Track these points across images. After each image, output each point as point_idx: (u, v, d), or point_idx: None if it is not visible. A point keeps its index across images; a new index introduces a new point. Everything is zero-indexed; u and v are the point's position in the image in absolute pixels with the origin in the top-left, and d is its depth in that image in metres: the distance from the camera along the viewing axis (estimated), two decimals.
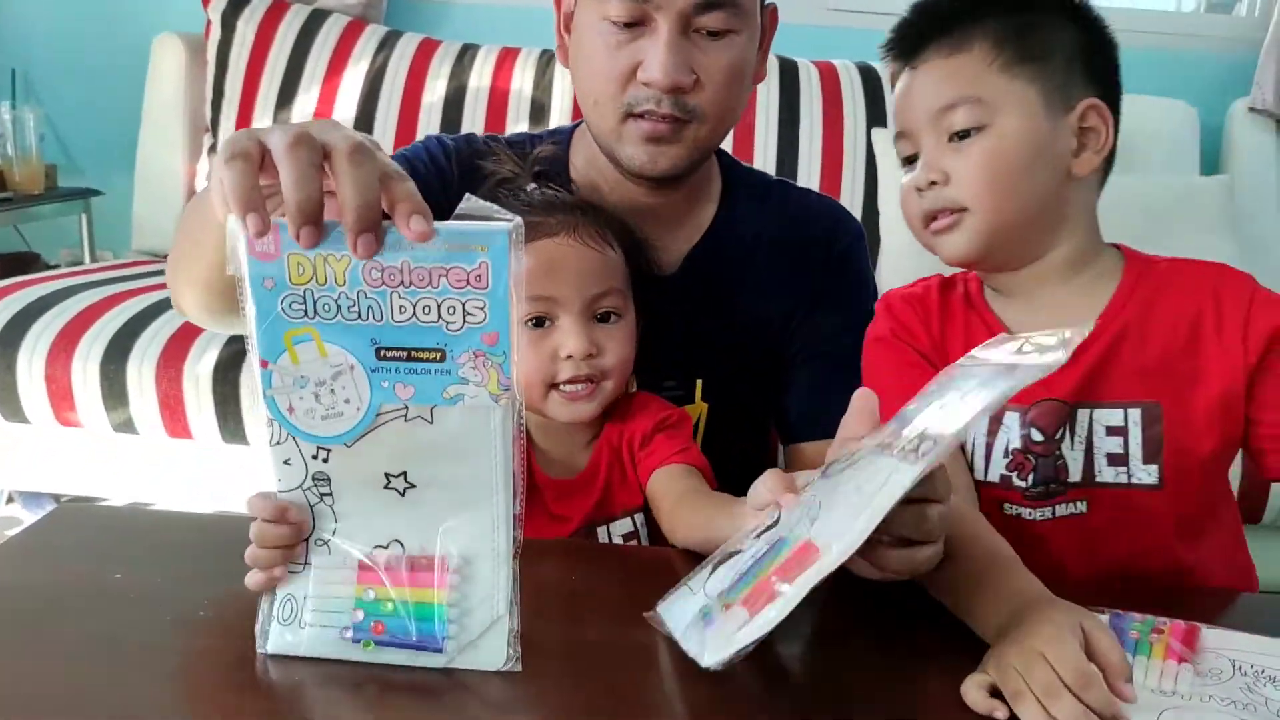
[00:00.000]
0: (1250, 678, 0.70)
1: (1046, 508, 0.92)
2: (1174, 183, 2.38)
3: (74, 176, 2.75)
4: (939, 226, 0.92)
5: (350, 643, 0.67)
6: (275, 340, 0.62)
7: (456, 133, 2.30)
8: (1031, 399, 0.90)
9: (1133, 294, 0.92)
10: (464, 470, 0.65)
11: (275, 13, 2.47)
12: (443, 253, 0.59)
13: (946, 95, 0.90)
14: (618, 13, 0.97)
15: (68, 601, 0.74)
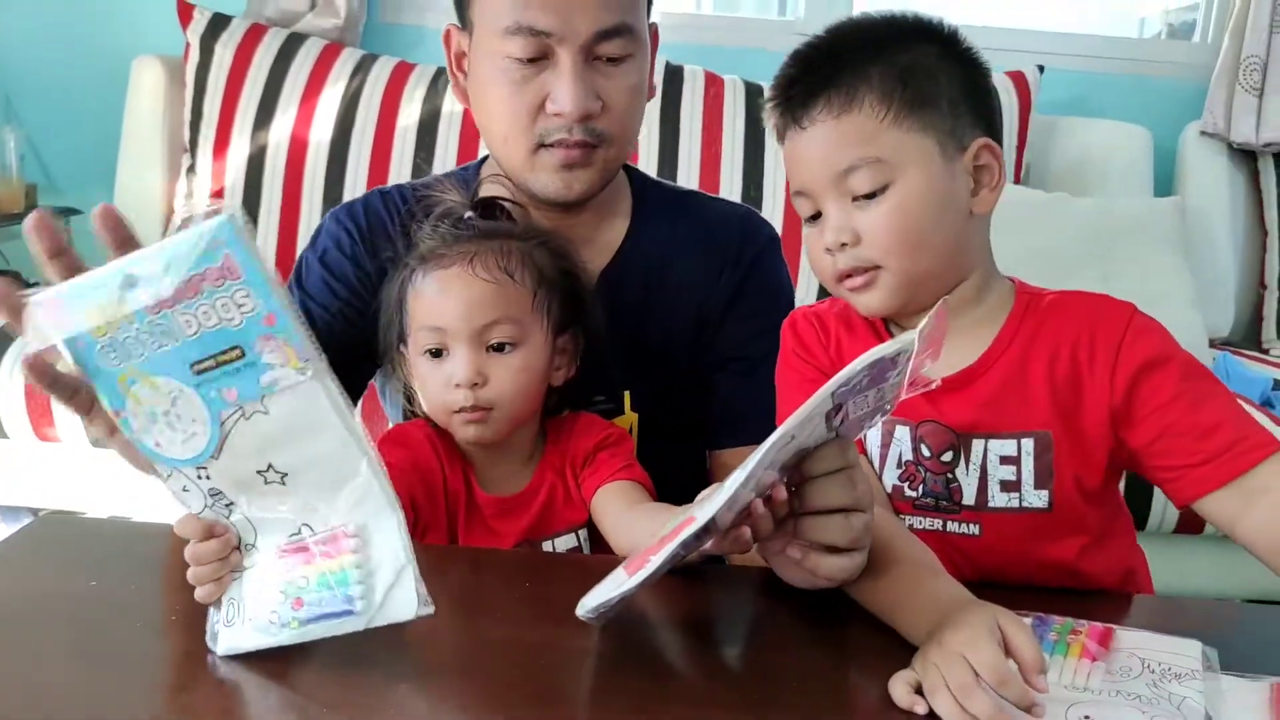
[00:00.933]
0: (1157, 674, 0.75)
1: (936, 520, 0.96)
2: (1128, 203, 2.45)
3: (53, 196, 2.78)
4: (855, 285, 0.93)
5: (279, 627, 0.71)
6: (114, 391, 0.65)
7: (429, 155, 2.36)
8: (919, 417, 0.94)
9: (1020, 327, 0.94)
10: (319, 445, 0.68)
11: (253, 36, 2.51)
12: (189, 262, 0.61)
13: (844, 159, 0.90)
14: (520, 50, 1.00)
15: (44, 609, 0.78)
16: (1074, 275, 2.24)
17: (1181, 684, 0.73)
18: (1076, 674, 0.74)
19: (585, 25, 0.99)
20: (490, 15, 1.02)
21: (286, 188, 2.44)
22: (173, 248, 0.62)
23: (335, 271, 1.11)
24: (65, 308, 0.63)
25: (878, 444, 0.96)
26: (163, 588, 0.82)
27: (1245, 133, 2.56)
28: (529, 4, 0.99)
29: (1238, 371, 2.21)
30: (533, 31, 0.99)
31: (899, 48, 0.92)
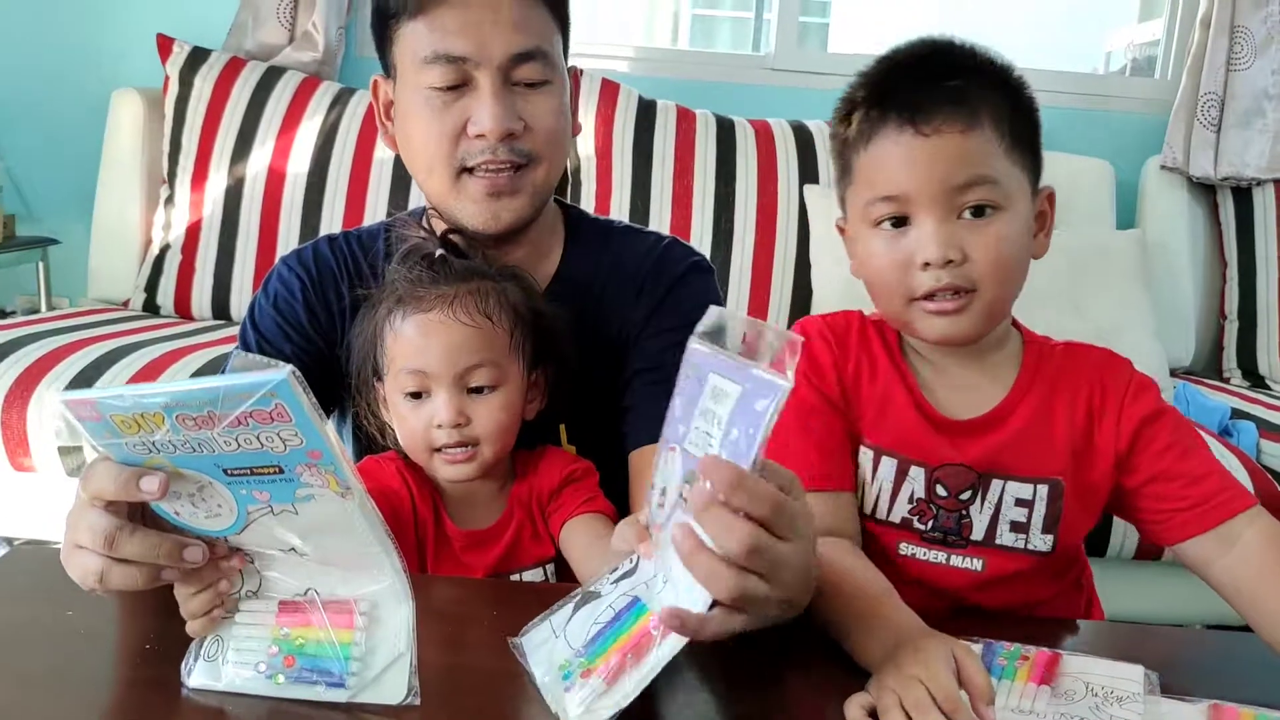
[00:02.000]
0: (1100, 698, 0.78)
1: (941, 553, 0.98)
2: (1091, 236, 2.49)
3: (32, 225, 2.80)
4: (943, 307, 0.91)
5: (263, 677, 0.72)
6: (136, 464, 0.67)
7: (405, 187, 2.39)
8: (938, 460, 0.96)
9: (1035, 376, 0.98)
10: (344, 543, 0.70)
11: (232, 70, 2.54)
12: (243, 405, 0.61)
13: (964, 173, 0.89)
14: (440, 79, 1.02)
15: (22, 636, 0.80)
16: (1042, 306, 2.27)
17: (1123, 707, 0.77)
18: (1023, 697, 0.77)
19: (500, 49, 1.02)
20: (410, 52, 1.04)
21: (264, 219, 2.46)
22: (226, 387, 0.61)
23: (287, 316, 1.13)
24: (95, 408, 0.63)
25: (890, 480, 0.98)
26: (139, 617, 0.83)
27: (1204, 167, 2.62)
28: (445, 33, 1.01)
29: (1197, 401, 2.25)
30: (450, 58, 1.01)
31: (1010, 81, 0.93)
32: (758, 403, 0.64)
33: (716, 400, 0.66)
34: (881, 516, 0.99)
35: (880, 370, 1.00)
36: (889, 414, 0.98)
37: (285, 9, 2.64)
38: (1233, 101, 2.63)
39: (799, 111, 2.62)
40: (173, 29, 2.61)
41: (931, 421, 0.97)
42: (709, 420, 0.66)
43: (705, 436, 0.67)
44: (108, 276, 2.57)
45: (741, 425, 0.65)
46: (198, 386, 0.61)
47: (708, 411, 0.67)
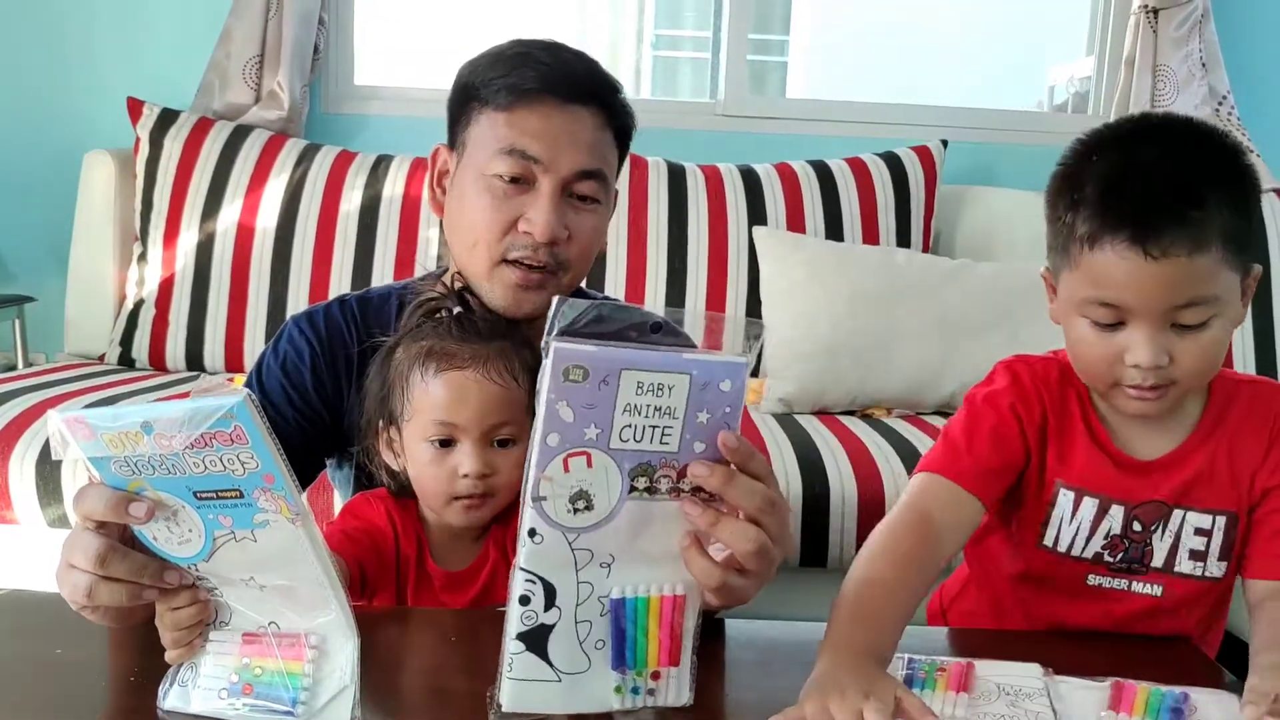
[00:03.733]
0: (1012, 695, 0.87)
1: (1124, 580, 1.06)
2: (1029, 268, 2.56)
3: (7, 283, 2.87)
4: (1144, 395, 0.97)
5: (226, 705, 0.79)
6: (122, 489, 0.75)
7: (370, 240, 2.47)
8: (1139, 499, 1.04)
9: (1223, 411, 1.05)
10: (297, 573, 0.77)
11: (200, 130, 2.63)
12: (205, 425, 0.69)
13: (1185, 295, 0.92)
14: (508, 169, 1.10)
15: (15, 672, 0.88)
16: (981, 336, 2.39)
17: (1033, 701, 0.86)
18: (945, 704, 0.85)
19: (569, 162, 1.10)
20: (486, 140, 1.12)
21: (234, 274, 2.53)
22: (189, 409, 0.69)
23: (293, 379, 1.20)
24: (89, 427, 0.72)
25: (1090, 519, 1.05)
26: (123, 652, 0.90)
27: None
28: (524, 132, 1.09)
29: None
30: (524, 155, 1.09)
31: (1242, 182, 0.96)
32: (722, 384, 0.73)
33: (655, 394, 0.73)
34: (1076, 553, 1.06)
35: (1073, 416, 1.06)
36: (1085, 457, 1.05)
37: (251, 69, 2.73)
38: None
39: (748, 155, 2.73)
40: (142, 91, 2.69)
41: (1123, 463, 1.05)
42: (651, 414, 0.73)
43: (651, 429, 0.73)
44: (83, 332, 2.63)
45: (711, 408, 0.74)
46: (170, 407, 0.70)
47: (640, 407, 0.73)
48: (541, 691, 0.79)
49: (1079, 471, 1.05)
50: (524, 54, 1.12)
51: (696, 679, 0.82)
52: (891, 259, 2.51)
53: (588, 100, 1.12)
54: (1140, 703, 0.85)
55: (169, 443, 0.71)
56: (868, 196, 2.64)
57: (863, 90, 6.37)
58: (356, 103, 2.96)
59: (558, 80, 1.10)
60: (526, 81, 1.10)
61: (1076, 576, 1.07)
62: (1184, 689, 0.87)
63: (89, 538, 0.77)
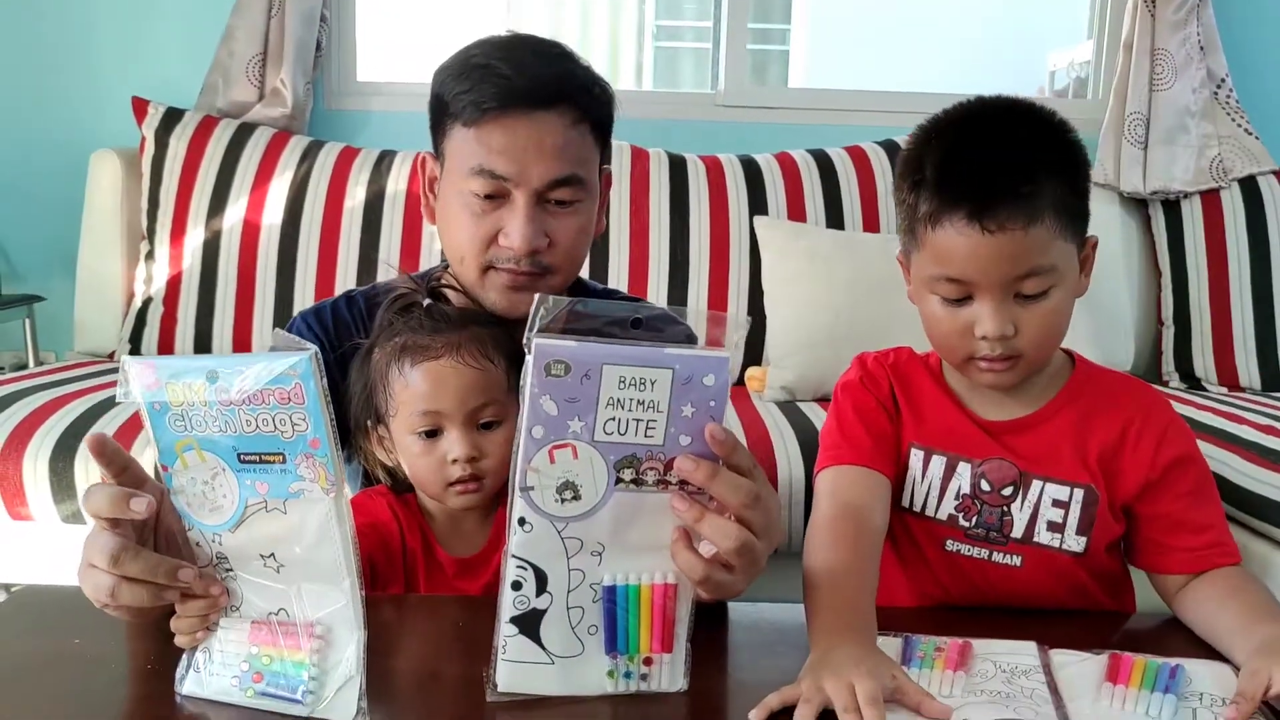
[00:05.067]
0: (1008, 673, 0.89)
1: (984, 549, 1.09)
2: None
3: (16, 283, 2.90)
4: (994, 367, 1.02)
5: (238, 690, 0.82)
6: (170, 450, 0.79)
7: (375, 235, 2.49)
8: (983, 455, 1.08)
9: (1080, 393, 1.09)
10: (316, 553, 0.79)
11: (205, 128, 2.65)
12: (266, 379, 0.73)
13: (1024, 265, 0.98)
14: (481, 188, 1.11)
15: (37, 664, 0.90)
16: None
17: (1029, 678, 0.88)
18: (942, 683, 0.87)
19: (539, 175, 1.11)
20: (459, 156, 1.13)
21: (241, 271, 2.56)
22: (256, 362, 0.74)
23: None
24: (156, 373, 0.77)
25: (939, 477, 1.10)
26: (140, 642, 0.93)
27: (1134, 182, 2.76)
28: (491, 150, 1.10)
29: None
30: (493, 175, 1.11)
31: (1066, 155, 1.02)
32: (705, 378, 0.76)
33: (638, 388, 0.75)
34: (930, 513, 1.11)
35: (925, 387, 1.14)
36: (935, 419, 1.11)
37: (254, 67, 2.76)
38: (1157, 120, 2.77)
39: (748, 145, 2.75)
40: (147, 90, 2.72)
41: (975, 423, 1.10)
42: (634, 408, 0.76)
43: (635, 423, 0.76)
44: (93, 330, 2.66)
45: (695, 402, 0.76)
46: (238, 358, 0.75)
47: (624, 400, 0.75)
48: (535, 673, 0.82)
49: (929, 432, 1.11)
50: (484, 66, 1.11)
51: (691, 664, 0.85)
52: (891, 247, 2.51)
53: (553, 103, 1.11)
54: (1137, 673, 0.87)
55: (229, 394, 0.74)
56: (868, 184, 2.66)
57: (865, 79, 6.37)
58: (359, 99, 2.98)
59: (518, 91, 1.10)
60: (486, 98, 1.10)
61: (937, 541, 1.11)
62: (1179, 660, 0.89)
63: (105, 538, 0.79)
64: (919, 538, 1.12)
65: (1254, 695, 0.82)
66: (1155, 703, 0.83)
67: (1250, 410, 2.34)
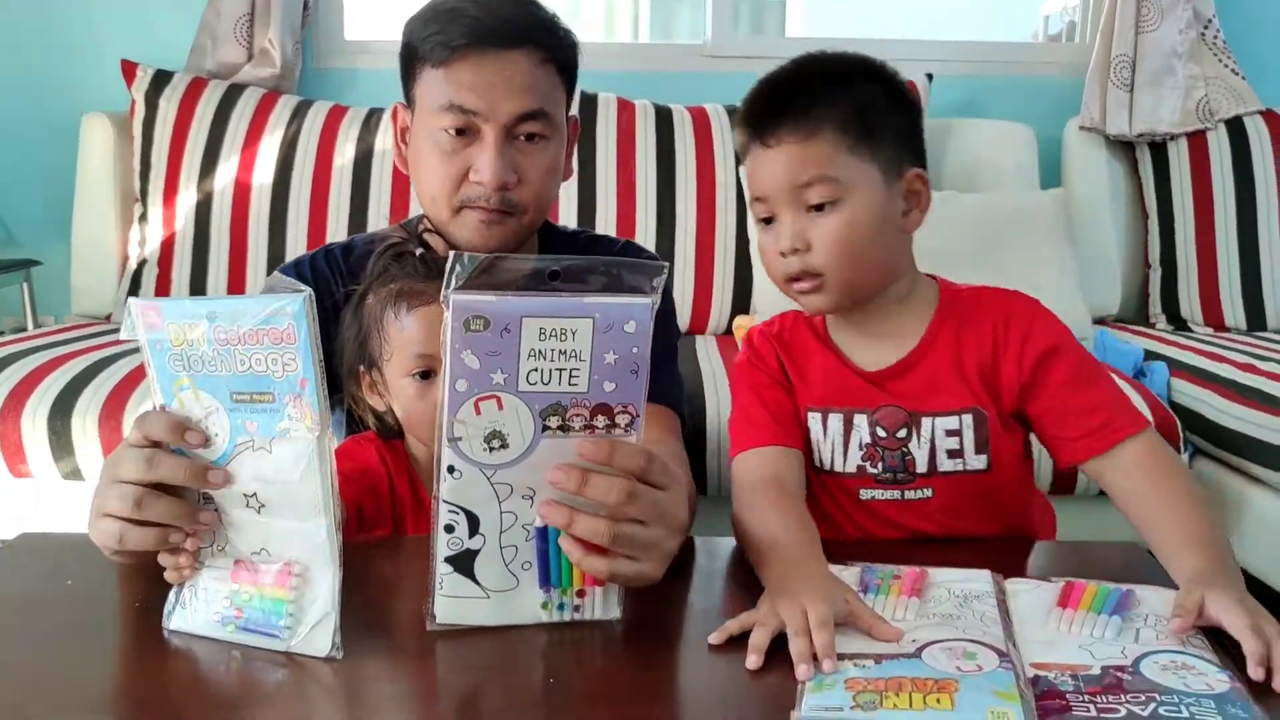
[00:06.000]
0: (960, 598, 0.91)
1: (895, 491, 1.13)
2: (1013, 197, 2.63)
3: (13, 249, 2.93)
4: (802, 288, 1.08)
5: (220, 625, 0.85)
6: (169, 389, 0.83)
7: (364, 192, 2.52)
8: (875, 404, 1.12)
9: (947, 318, 1.13)
10: (297, 492, 0.82)
11: (194, 90, 2.67)
12: (261, 317, 0.77)
13: (803, 175, 1.04)
14: (451, 124, 1.15)
15: (33, 604, 0.94)
16: (964, 266, 2.41)
17: (981, 602, 0.91)
18: (896, 608, 0.90)
19: (507, 110, 1.15)
20: (429, 97, 1.17)
21: (233, 230, 2.59)
22: (253, 303, 0.77)
23: None
24: (159, 315, 0.81)
25: (840, 433, 1.13)
26: (128, 583, 0.96)
27: (1119, 125, 2.76)
28: (460, 86, 1.14)
29: (1113, 345, 2.40)
30: (462, 110, 1.14)
31: (854, 85, 1.07)
32: (626, 325, 0.78)
33: (558, 338, 0.78)
34: (839, 469, 1.14)
35: (811, 349, 1.17)
36: (824, 379, 1.14)
37: (242, 28, 2.77)
38: (1143, 62, 2.76)
39: (737, 96, 2.72)
40: (136, 53, 2.73)
41: (860, 375, 1.13)
42: (556, 358, 0.78)
43: (559, 372, 0.79)
44: (89, 293, 2.70)
45: (617, 349, 0.79)
46: (235, 300, 0.79)
47: (545, 351, 0.78)
48: (472, 606, 0.86)
49: (821, 393, 1.14)
50: (452, 9, 1.15)
51: (626, 592, 0.88)
52: None
53: (521, 43, 1.15)
54: (1088, 598, 0.90)
55: (226, 334, 0.79)
56: None
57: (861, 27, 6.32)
58: (347, 57, 2.99)
59: (486, 30, 1.14)
60: (455, 37, 1.14)
61: (851, 493, 1.14)
62: (1130, 586, 0.92)
63: (121, 488, 0.83)
64: (835, 494, 1.15)
65: (1191, 608, 0.85)
66: (1100, 624, 0.86)
67: (1232, 349, 2.37)
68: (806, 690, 0.77)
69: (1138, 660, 0.80)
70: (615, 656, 0.86)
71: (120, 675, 0.86)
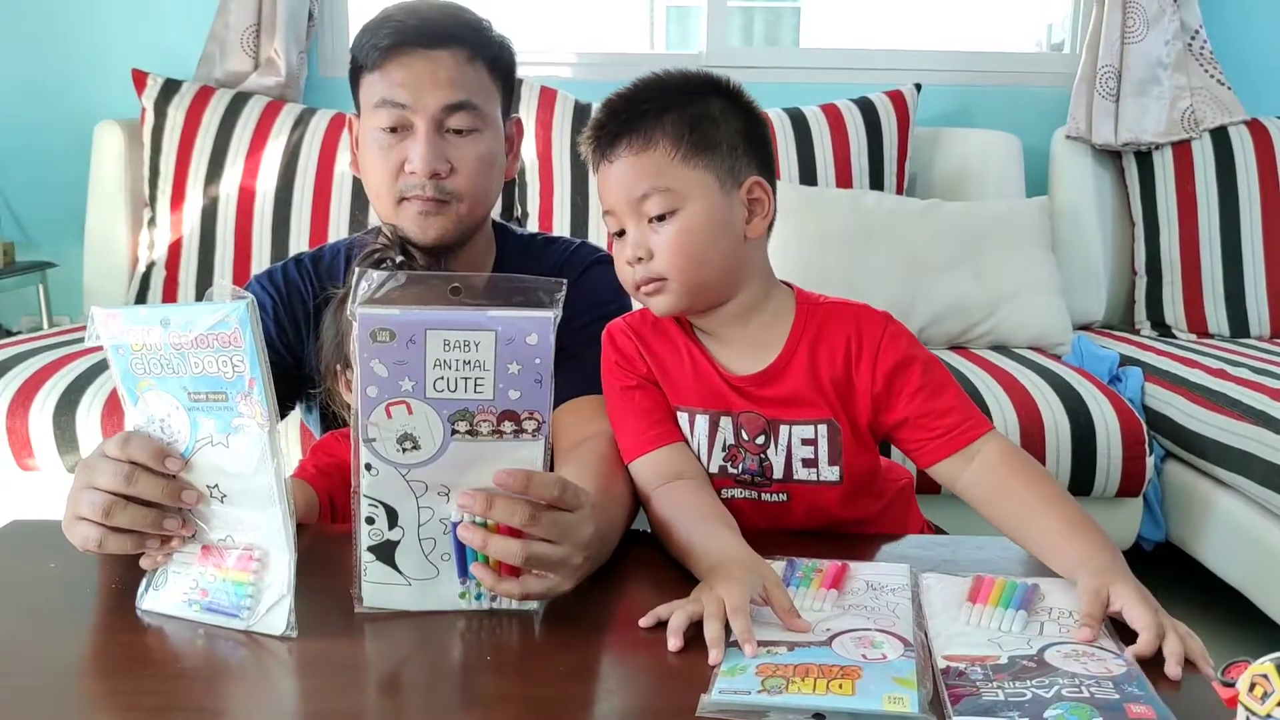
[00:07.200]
0: (876, 590, 0.96)
1: (753, 491, 1.17)
2: (995, 205, 2.67)
3: (30, 251, 3.01)
4: (647, 291, 1.11)
5: (187, 605, 0.91)
6: (132, 391, 0.90)
7: (364, 199, 2.59)
8: (739, 409, 1.15)
9: (805, 330, 1.16)
10: (253, 482, 0.87)
11: (202, 98, 2.75)
12: (210, 323, 0.83)
13: (640, 187, 1.08)
14: (385, 121, 1.23)
15: (14, 584, 1.02)
16: (946, 274, 2.48)
17: (895, 595, 0.95)
18: (815, 600, 0.94)
19: (434, 101, 1.23)
20: (367, 99, 1.26)
21: (238, 234, 2.68)
22: (202, 310, 0.83)
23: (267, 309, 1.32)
24: (120, 322, 0.87)
25: (706, 434, 1.17)
26: (105, 566, 1.02)
27: (1105, 135, 2.81)
28: (392, 84, 1.23)
29: (1090, 350, 2.44)
30: (394, 104, 1.23)
31: (690, 100, 1.10)
32: (528, 338, 0.83)
33: (462, 349, 0.83)
34: (706, 468, 1.18)
35: (677, 347, 1.19)
36: (692, 380, 1.18)
37: (249, 38, 2.85)
38: (1129, 72, 2.80)
39: None
40: (146, 62, 2.82)
41: (725, 380, 1.17)
42: (461, 367, 0.83)
43: (464, 380, 0.84)
44: (101, 295, 2.78)
45: (520, 359, 0.84)
46: (185, 307, 0.84)
47: (450, 361, 0.83)
48: (394, 592, 0.91)
49: (688, 394, 1.18)
50: (385, 17, 1.25)
51: None
52: (861, 201, 2.60)
53: (446, 42, 1.23)
54: (996, 592, 0.94)
55: (180, 339, 0.84)
56: (841, 141, 2.72)
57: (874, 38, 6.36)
58: None
59: (412, 31, 1.22)
60: (384, 40, 1.23)
61: (716, 492, 1.17)
62: (1036, 580, 0.97)
63: (94, 494, 0.89)
64: None
65: (1099, 614, 0.89)
66: (1008, 618, 0.90)
67: (1208, 355, 2.41)
68: (719, 674, 0.81)
69: (1043, 650, 0.85)
70: (541, 639, 0.91)
71: (92, 650, 0.92)
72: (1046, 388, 2.09)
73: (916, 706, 0.74)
